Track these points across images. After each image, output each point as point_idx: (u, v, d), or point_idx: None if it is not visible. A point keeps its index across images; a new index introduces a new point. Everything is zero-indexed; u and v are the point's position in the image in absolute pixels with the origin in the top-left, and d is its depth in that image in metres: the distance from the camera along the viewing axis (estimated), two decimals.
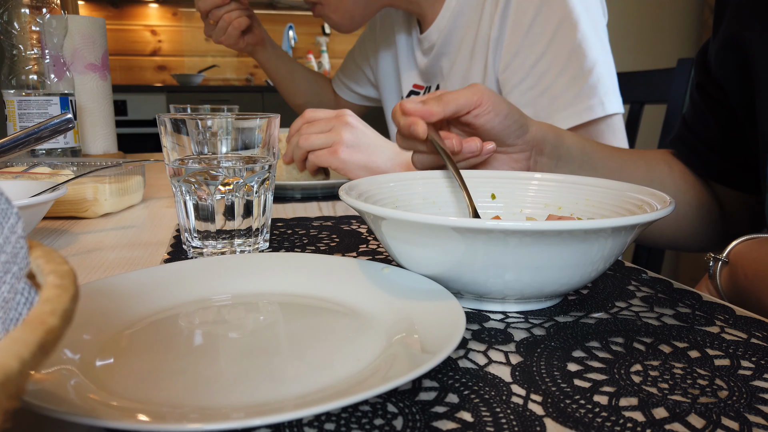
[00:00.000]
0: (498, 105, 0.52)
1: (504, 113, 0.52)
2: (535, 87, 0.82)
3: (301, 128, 0.75)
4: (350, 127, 0.72)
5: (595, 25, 0.83)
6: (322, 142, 0.72)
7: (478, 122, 0.52)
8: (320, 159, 0.72)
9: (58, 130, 0.60)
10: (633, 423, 0.24)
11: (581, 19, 0.80)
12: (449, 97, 0.50)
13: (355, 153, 0.71)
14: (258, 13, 1.21)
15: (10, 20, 0.86)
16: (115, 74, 3.42)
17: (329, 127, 0.73)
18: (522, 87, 0.83)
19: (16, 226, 0.20)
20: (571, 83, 0.80)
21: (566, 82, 0.80)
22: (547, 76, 0.81)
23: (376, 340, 0.31)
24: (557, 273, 0.33)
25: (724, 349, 0.32)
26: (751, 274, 0.48)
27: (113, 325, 0.32)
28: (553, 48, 0.81)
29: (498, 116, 0.52)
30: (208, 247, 0.48)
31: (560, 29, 0.80)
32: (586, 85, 0.79)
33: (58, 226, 0.62)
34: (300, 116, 0.77)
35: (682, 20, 2.51)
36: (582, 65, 0.80)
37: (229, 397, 0.25)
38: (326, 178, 0.79)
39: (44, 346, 0.15)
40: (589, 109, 0.79)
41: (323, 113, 0.76)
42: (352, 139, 0.71)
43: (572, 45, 0.80)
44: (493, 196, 0.50)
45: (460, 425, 0.24)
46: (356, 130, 0.72)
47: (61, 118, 0.59)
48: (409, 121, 0.50)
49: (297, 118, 0.78)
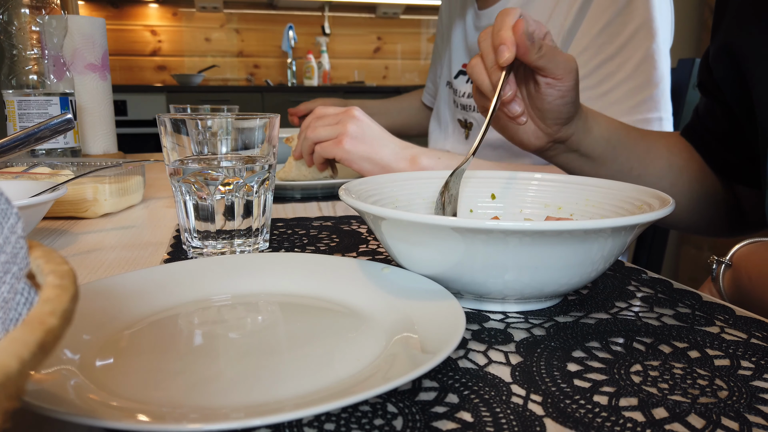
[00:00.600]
0: (572, 91, 0.51)
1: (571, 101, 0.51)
2: (596, 88, 0.80)
3: (311, 123, 0.76)
4: (356, 119, 0.73)
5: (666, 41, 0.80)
6: (328, 133, 0.73)
7: (543, 90, 0.50)
8: (326, 150, 0.73)
9: (58, 130, 0.60)
10: (633, 423, 0.24)
11: (660, 29, 0.78)
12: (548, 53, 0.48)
13: (360, 144, 0.72)
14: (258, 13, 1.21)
15: (10, 20, 0.86)
16: (115, 74, 3.42)
17: (337, 121, 0.74)
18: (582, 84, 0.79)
19: (16, 226, 0.20)
20: (634, 92, 0.77)
21: (630, 90, 0.77)
22: (611, 80, 0.79)
23: (376, 340, 0.31)
24: (557, 273, 0.33)
25: (724, 349, 0.32)
26: (754, 276, 0.48)
27: (113, 325, 0.32)
28: (625, 52, 0.78)
29: (563, 99, 0.51)
30: (208, 247, 0.48)
31: (637, 35, 0.77)
32: (650, 98, 0.77)
33: (58, 226, 0.62)
34: (312, 113, 0.78)
35: (682, 20, 2.51)
36: (651, 76, 0.77)
37: (229, 397, 0.25)
38: (333, 175, 0.79)
39: (44, 346, 0.15)
40: (647, 122, 0.77)
41: (333, 109, 0.77)
42: (357, 131, 0.72)
43: (646, 53, 0.77)
44: (493, 196, 0.50)
45: (460, 425, 0.24)
46: (362, 123, 0.73)
47: (61, 118, 0.59)
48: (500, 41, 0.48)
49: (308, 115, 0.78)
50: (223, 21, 3.68)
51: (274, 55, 3.77)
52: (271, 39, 3.74)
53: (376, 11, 3.81)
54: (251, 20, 3.70)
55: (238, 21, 3.69)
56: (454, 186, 0.47)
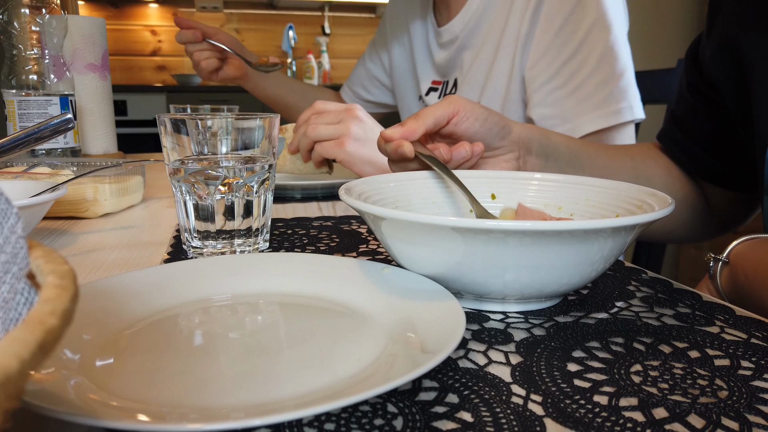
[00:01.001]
0: (475, 110, 0.53)
1: (483, 117, 0.53)
2: (564, 87, 0.82)
3: (310, 119, 0.75)
4: (359, 120, 0.72)
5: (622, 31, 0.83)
6: (330, 133, 0.72)
7: (460, 129, 0.53)
8: (327, 150, 0.72)
9: (58, 130, 0.60)
10: (633, 423, 0.24)
11: (614, 22, 0.80)
12: (426, 112, 0.52)
13: (362, 147, 0.71)
14: (258, 13, 1.21)
15: (10, 20, 0.86)
16: (115, 74, 3.42)
17: (338, 119, 0.73)
18: (549, 86, 0.83)
19: (16, 226, 0.20)
20: (601, 86, 0.80)
21: (596, 84, 0.80)
22: (577, 77, 0.81)
23: (376, 340, 0.31)
24: (557, 273, 0.33)
25: (724, 349, 0.32)
26: (751, 274, 0.48)
27: (113, 325, 0.32)
28: (585, 48, 0.80)
29: (477, 120, 0.53)
30: (208, 247, 0.48)
31: (593, 30, 0.80)
32: (617, 89, 0.79)
33: (58, 226, 0.62)
34: (310, 107, 0.76)
35: (682, 20, 2.51)
36: (614, 68, 0.79)
37: (229, 397, 0.25)
38: (330, 172, 0.78)
39: (44, 346, 0.15)
40: (617, 113, 0.79)
41: (333, 105, 0.75)
42: (360, 133, 0.71)
43: (605, 47, 0.80)
44: (493, 196, 0.50)
45: (460, 425, 0.24)
46: (365, 124, 0.72)
47: (61, 118, 0.59)
48: (394, 145, 0.50)
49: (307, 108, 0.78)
50: (223, 21, 3.68)
51: (274, 54, 3.77)
52: (271, 39, 3.74)
53: (376, 11, 3.81)
54: (251, 20, 3.70)
55: (238, 21, 3.69)
56: None
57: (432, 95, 1.04)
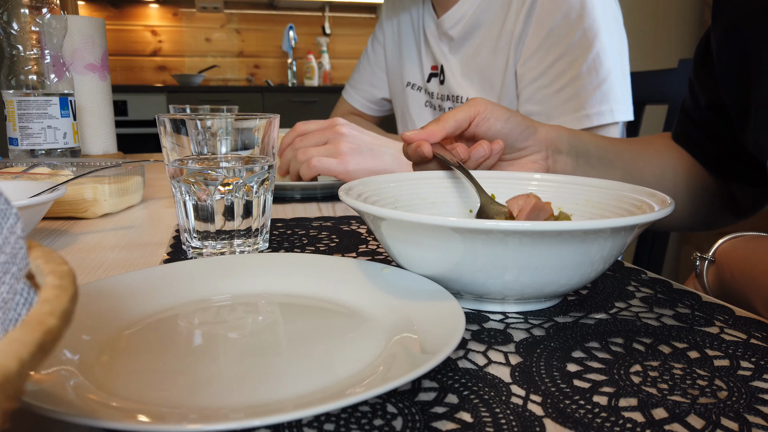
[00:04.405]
0: (496, 111, 0.53)
1: (504, 117, 0.54)
2: (549, 86, 0.85)
3: (294, 142, 0.75)
4: (345, 137, 0.73)
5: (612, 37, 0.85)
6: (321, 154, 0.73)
7: (481, 130, 0.53)
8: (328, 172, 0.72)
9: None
10: (632, 423, 0.24)
11: (602, 29, 0.83)
12: (447, 116, 0.52)
13: (362, 161, 0.72)
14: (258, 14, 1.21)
15: (9, 20, 0.86)
16: (115, 74, 3.42)
17: (324, 139, 0.73)
18: (537, 84, 0.86)
19: (16, 226, 0.20)
20: (585, 88, 0.83)
21: (580, 87, 0.83)
22: (562, 78, 0.84)
23: (375, 341, 0.31)
24: (557, 273, 0.33)
25: (724, 350, 0.32)
26: (737, 272, 0.49)
27: (113, 326, 0.32)
28: (572, 52, 0.84)
29: (499, 120, 0.53)
30: (208, 247, 0.48)
31: (582, 37, 0.83)
32: (599, 92, 0.83)
33: (57, 226, 0.62)
34: (291, 130, 0.77)
35: (682, 20, 2.51)
36: (598, 73, 0.83)
37: (229, 398, 0.25)
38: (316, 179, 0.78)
39: (43, 346, 0.15)
40: (599, 115, 0.82)
41: (314, 125, 0.76)
42: (353, 148, 0.72)
43: (591, 54, 0.83)
44: (493, 197, 0.50)
45: (460, 425, 0.24)
46: (353, 137, 0.73)
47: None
48: (414, 146, 0.51)
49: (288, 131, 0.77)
50: (224, 21, 3.68)
51: (274, 55, 3.77)
52: (271, 39, 3.74)
53: (376, 11, 3.81)
54: (251, 20, 3.70)
55: (239, 21, 3.69)
56: None
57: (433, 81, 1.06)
